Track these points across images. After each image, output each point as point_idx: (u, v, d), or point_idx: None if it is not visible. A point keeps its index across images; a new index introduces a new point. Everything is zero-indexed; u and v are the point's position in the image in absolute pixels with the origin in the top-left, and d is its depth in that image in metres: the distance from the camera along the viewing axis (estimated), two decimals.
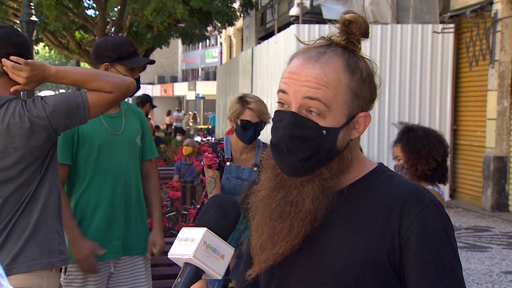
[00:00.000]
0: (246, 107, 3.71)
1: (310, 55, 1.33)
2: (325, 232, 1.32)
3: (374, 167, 1.39)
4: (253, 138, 3.75)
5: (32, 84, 2.52)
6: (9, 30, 2.59)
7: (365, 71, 1.34)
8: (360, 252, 1.28)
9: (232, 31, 32.93)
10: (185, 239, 1.25)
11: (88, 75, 2.57)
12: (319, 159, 1.32)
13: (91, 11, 18.57)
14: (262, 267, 1.36)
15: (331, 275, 1.29)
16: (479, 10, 10.98)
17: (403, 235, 1.27)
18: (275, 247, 1.32)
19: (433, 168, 3.39)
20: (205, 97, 39.94)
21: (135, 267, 3.28)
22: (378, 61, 11.28)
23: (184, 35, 17.61)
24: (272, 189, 1.36)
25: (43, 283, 2.54)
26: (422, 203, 1.29)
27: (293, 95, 1.31)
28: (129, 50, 3.20)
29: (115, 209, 3.17)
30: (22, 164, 2.49)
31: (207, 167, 3.77)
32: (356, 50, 1.36)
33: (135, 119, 3.35)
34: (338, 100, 1.31)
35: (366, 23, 1.36)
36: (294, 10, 16.19)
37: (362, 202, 1.33)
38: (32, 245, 2.53)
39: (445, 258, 1.27)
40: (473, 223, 9.65)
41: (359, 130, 1.36)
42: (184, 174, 9.11)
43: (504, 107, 10.42)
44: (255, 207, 1.39)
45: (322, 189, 1.31)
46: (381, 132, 11.42)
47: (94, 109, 2.56)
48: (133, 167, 3.26)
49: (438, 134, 3.51)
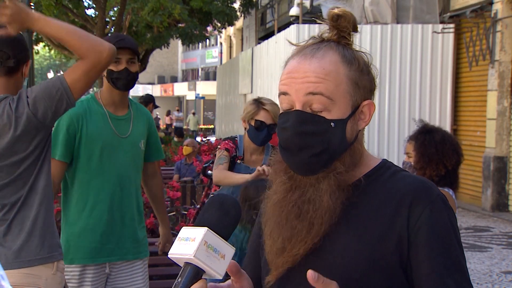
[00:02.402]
0: (261, 108, 3.74)
1: (305, 53, 1.33)
2: (331, 229, 1.31)
3: (379, 163, 1.39)
4: (265, 140, 3.77)
5: (15, 26, 2.47)
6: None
7: (361, 61, 1.35)
8: (367, 249, 1.27)
9: (232, 31, 32.93)
10: (185, 238, 1.24)
11: (67, 29, 2.54)
12: (331, 153, 1.31)
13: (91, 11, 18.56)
14: (280, 271, 1.33)
15: (336, 272, 1.28)
16: (479, 10, 10.98)
17: (411, 230, 1.27)
18: (295, 248, 1.30)
19: (442, 175, 3.33)
20: (205, 97, 39.95)
21: (133, 269, 3.27)
22: (378, 61, 11.28)
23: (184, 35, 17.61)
24: (287, 191, 1.34)
25: (41, 284, 2.53)
26: (429, 197, 1.29)
27: (295, 93, 1.31)
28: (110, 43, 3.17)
29: (112, 212, 3.15)
30: (15, 158, 2.51)
31: (224, 149, 3.78)
32: (349, 43, 1.36)
33: (142, 122, 3.32)
34: (340, 91, 1.30)
35: (354, 17, 1.36)
36: (294, 10, 16.19)
37: (368, 199, 1.32)
38: (34, 240, 2.53)
39: (453, 251, 1.28)
40: (473, 223, 9.65)
41: (365, 120, 1.35)
42: (184, 174, 9.12)
43: (504, 107, 10.42)
44: (269, 212, 1.36)
45: (338, 184, 1.30)
46: (381, 132, 11.41)
47: (76, 85, 2.51)
48: (134, 172, 3.24)
49: (455, 142, 3.42)
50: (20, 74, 2.63)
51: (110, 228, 3.15)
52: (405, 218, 1.28)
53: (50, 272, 2.57)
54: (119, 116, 3.22)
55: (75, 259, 3.12)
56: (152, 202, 3.54)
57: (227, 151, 3.78)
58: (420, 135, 3.42)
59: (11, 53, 2.55)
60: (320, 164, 1.31)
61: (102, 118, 3.16)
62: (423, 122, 3.57)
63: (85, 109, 3.14)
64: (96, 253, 3.14)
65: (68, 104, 2.53)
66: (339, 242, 1.30)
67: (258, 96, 3.96)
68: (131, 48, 3.15)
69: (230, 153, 3.78)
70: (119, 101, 3.22)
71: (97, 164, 3.12)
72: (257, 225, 1.51)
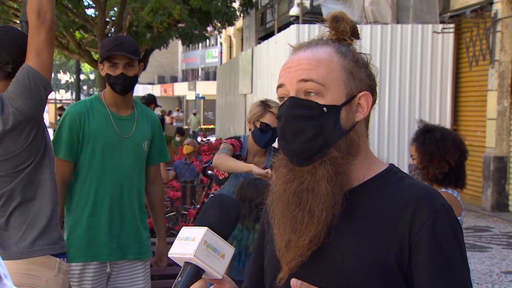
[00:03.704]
0: (267, 110, 3.73)
1: (301, 46, 1.38)
2: (334, 232, 1.30)
3: (385, 168, 1.38)
4: (269, 143, 3.76)
5: None
6: None
7: (357, 54, 1.37)
8: (368, 253, 1.27)
9: (232, 31, 32.92)
10: (185, 238, 1.24)
11: None
12: (325, 138, 1.31)
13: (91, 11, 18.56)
14: (291, 266, 1.31)
15: (336, 275, 1.29)
16: (479, 10, 10.98)
17: (413, 238, 1.26)
18: (300, 238, 1.29)
19: (445, 172, 3.30)
20: (205, 97, 39.95)
21: (133, 270, 3.27)
22: (378, 61, 11.28)
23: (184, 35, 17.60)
24: (286, 183, 1.34)
25: (41, 285, 2.52)
26: (433, 207, 1.28)
27: (289, 82, 1.34)
28: (108, 47, 3.12)
29: (113, 212, 3.15)
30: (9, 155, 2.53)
31: (230, 143, 3.75)
32: (348, 43, 1.38)
33: (146, 123, 3.31)
34: (332, 78, 1.32)
35: (353, 21, 1.38)
36: (294, 10, 16.19)
37: (372, 203, 1.32)
38: (35, 231, 2.54)
39: (454, 262, 1.26)
40: (473, 223, 9.65)
41: (363, 112, 1.35)
42: (183, 173, 9.11)
43: (504, 107, 10.42)
44: (273, 207, 1.36)
45: (335, 169, 1.30)
46: (381, 132, 11.42)
47: (39, 64, 2.50)
48: (136, 172, 3.24)
49: (457, 138, 3.41)
50: None
51: (111, 227, 3.15)
52: (408, 224, 1.27)
53: (52, 274, 2.55)
54: (123, 116, 3.22)
55: (76, 257, 3.13)
56: (150, 210, 3.49)
57: (232, 146, 3.76)
58: (421, 135, 3.42)
59: (9, 58, 2.55)
60: (315, 150, 1.31)
61: (105, 117, 3.17)
62: (423, 122, 3.56)
63: (88, 108, 3.16)
64: (96, 252, 3.15)
65: (45, 88, 2.52)
66: (341, 245, 1.30)
67: (266, 98, 3.96)
68: (128, 54, 3.11)
69: (235, 150, 3.77)
70: (122, 102, 3.23)
71: (99, 163, 3.13)
72: (261, 225, 1.52)
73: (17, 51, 2.57)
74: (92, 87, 54.82)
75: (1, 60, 2.55)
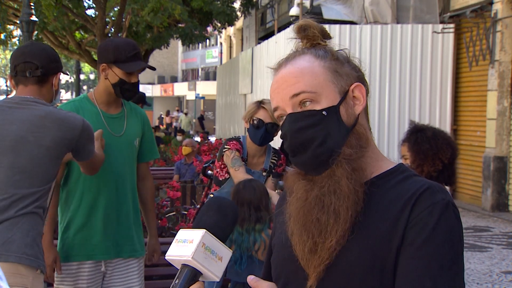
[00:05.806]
0: (260, 107, 3.77)
1: (280, 64, 1.42)
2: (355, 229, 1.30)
3: (393, 166, 1.39)
4: (264, 140, 3.76)
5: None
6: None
7: (335, 53, 1.39)
8: (368, 253, 1.27)
9: (232, 31, 32.92)
10: (183, 240, 1.24)
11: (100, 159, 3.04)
12: (334, 139, 1.32)
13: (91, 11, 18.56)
14: (319, 271, 1.30)
15: (337, 275, 1.29)
16: (479, 10, 10.98)
17: (407, 230, 1.26)
18: (327, 240, 1.29)
19: (439, 170, 3.35)
20: (205, 97, 39.91)
21: (128, 268, 3.27)
22: (378, 61, 11.28)
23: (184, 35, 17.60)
24: (307, 192, 1.35)
25: (28, 283, 2.56)
26: (433, 199, 1.27)
27: (282, 102, 1.36)
28: (128, 53, 3.14)
29: (108, 210, 3.15)
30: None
31: (235, 150, 3.75)
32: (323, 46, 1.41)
33: (136, 120, 3.32)
34: (320, 82, 1.34)
35: (320, 26, 1.41)
36: (294, 10, 16.19)
37: (377, 200, 1.32)
38: (26, 239, 2.59)
39: (444, 256, 1.24)
40: (473, 223, 9.65)
41: (361, 103, 1.38)
42: (183, 174, 9.11)
43: (504, 107, 10.42)
44: (294, 218, 1.35)
45: (352, 166, 1.31)
46: (381, 132, 11.41)
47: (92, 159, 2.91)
48: (129, 170, 3.25)
49: (448, 136, 3.46)
50: (50, 85, 2.81)
51: (105, 226, 3.15)
52: (406, 218, 1.27)
53: (35, 271, 2.61)
54: (113, 114, 3.23)
55: (71, 257, 3.14)
56: (141, 207, 3.46)
57: (238, 152, 3.76)
58: (412, 135, 3.46)
59: (39, 63, 2.74)
60: (328, 153, 1.32)
61: (96, 116, 3.17)
62: (413, 122, 3.61)
63: (78, 108, 3.15)
64: (91, 251, 3.15)
65: (68, 151, 2.81)
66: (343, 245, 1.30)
67: (263, 99, 3.98)
68: (145, 65, 3.23)
69: (240, 152, 3.78)
70: (113, 101, 3.24)
71: None
72: (272, 235, 1.52)
73: (46, 58, 2.78)
74: (92, 87, 54.84)
75: (31, 66, 2.74)
